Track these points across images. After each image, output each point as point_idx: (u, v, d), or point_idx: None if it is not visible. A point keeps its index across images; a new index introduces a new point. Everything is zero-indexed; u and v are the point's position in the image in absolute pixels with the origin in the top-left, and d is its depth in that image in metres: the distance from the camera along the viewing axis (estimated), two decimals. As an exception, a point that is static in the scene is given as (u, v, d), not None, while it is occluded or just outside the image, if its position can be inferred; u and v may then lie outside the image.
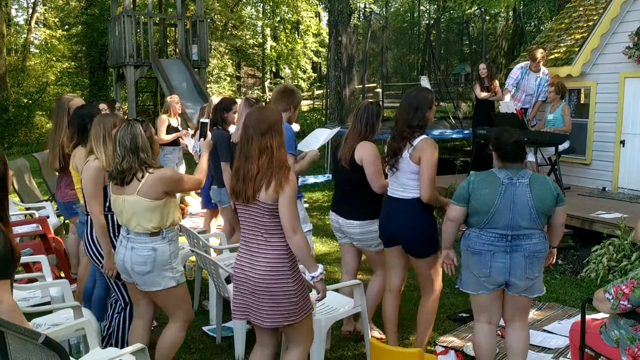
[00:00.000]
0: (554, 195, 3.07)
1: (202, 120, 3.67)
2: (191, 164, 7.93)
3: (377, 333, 4.04)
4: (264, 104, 4.59)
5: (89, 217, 3.45)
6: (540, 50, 7.34)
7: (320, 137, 4.19)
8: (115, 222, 3.36)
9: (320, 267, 2.78)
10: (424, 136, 3.41)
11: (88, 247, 3.50)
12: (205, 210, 6.08)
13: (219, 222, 5.95)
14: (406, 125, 3.41)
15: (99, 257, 3.44)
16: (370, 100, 4.34)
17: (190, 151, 6.76)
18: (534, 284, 3.13)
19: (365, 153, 3.60)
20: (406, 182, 3.45)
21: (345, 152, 3.71)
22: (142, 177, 2.97)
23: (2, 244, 2.23)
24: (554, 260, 3.34)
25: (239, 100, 4.87)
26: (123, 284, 3.39)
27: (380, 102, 14.16)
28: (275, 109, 2.98)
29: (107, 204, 3.39)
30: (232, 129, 4.74)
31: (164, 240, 3.06)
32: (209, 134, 3.49)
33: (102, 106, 6.22)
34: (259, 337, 2.93)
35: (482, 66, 8.21)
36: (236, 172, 2.74)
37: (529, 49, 7.90)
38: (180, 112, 7.48)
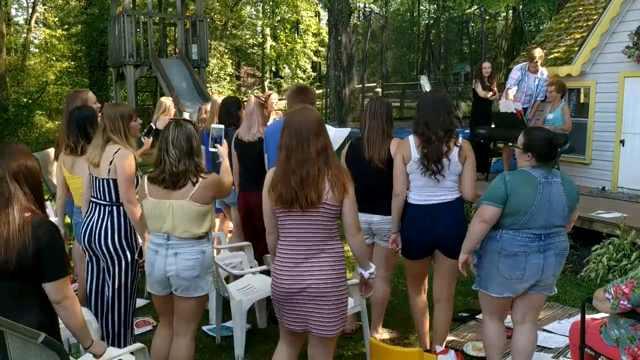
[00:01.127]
0: (577, 192, 3.12)
1: (213, 126, 3.45)
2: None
3: (387, 334, 4.05)
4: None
5: (109, 208, 3.40)
6: (538, 49, 7.36)
7: (334, 137, 4.15)
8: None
9: (374, 266, 2.84)
10: (461, 137, 3.45)
11: (113, 241, 3.40)
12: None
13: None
14: (444, 130, 3.35)
15: (122, 251, 3.41)
16: (376, 95, 4.33)
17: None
18: (555, 281, 3.17)
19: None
20: (451, 185, 3.42)
21: (376, 151, 3.61)
22: (197, 181, 2.86)
23: (61, 240, 2.30)
24: None
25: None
26: (121, 278, 3.39)
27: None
28: (313, 108, 2.90)
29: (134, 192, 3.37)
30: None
31: (209, 242, 3.01)
32: (224, 143, 3.36)
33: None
34: (287, 337, 2.85)
35: (487, 65, 8.21)
36: (286, 177, 2.59)
37: (528, 49, 7.92)
38: (174, 112, 7.42)
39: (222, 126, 3.44)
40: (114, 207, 3.42)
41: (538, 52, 7.26)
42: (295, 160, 2.59)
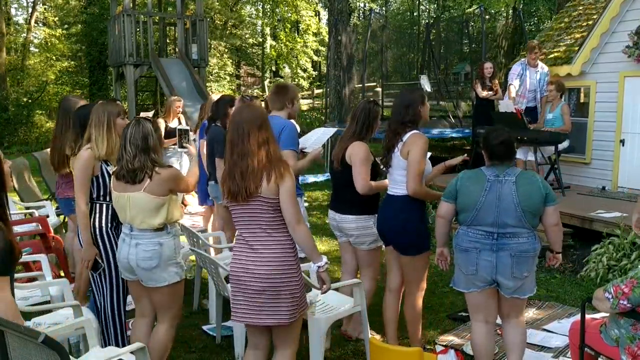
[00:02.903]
0: (542, 194, 3.04)
1: (179, 127, 3.63)
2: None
3: (374, 335, 4.04)
4: (262, 102, 4.61)
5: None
6: (535, 40, 7.54)
7: (320, 136, 4.20)
8: (110, 212, 3.37)
9: (324, 258, 2.79)
10: (414, 131, 3.44)
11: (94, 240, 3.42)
12: (204, 209, 6.07)
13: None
14: (399, 123, 3.47)
15: (103, 249, 3.41)
16: (368, 99, 4.34)
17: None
18: (524, 284, 3.10)
19: (354, 152, 3.62)
20: (398, 179, 3.49)
21: (337, 152, 3.75)
22: (152, 176, 3.02)
23: (2, 241, 2.23)
24: (558, 263, 3.31)
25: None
26: (99, 277, 3.41)
27: (380, 101, 14.18)
28: (259, 105, 3.04)
29: (101, 192, 3.39)
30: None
31: (169, 235, 3.12)
32: (193, 143, 3.51)
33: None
34: (252, 339, 2.92)
35: (488, 65, 8.24)
36: (230, 171, 2.70)
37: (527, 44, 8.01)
38: (180, 112, 7.42)
39: (187, 127, 3.63)
40: (92, 204, 3.44)
41: (535, 42, 7.51)
42: (237, 153, 2.69)
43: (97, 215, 3.41)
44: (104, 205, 3.41)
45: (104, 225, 3.41)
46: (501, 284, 3.11)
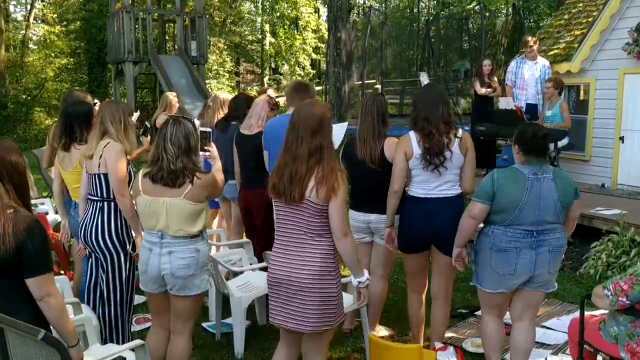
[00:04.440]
0: (573, 189, 3.08)
1: (201, 129, 3.29)
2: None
3: (385, 331, 4.05)
4: (275, 100, 4.57)
5: (100, 204, 3.40)
6: (530, 35, 7.60)
7: (338, 133, 4.12)
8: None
9: (367, 273, 2.73)
10: (461, 129, 3.42)
11: (103, 237, 3.38)
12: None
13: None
14: (442, 122, 3.34)
15: (114, 247, 3.40)
16: (374, 93, 4.29)
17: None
18: (552, 278, 3.16)
19: (392, 149, 3.51)
20: (453, 179, 3.40)
21: (369, 151, 3.58)
22: (192, 180, 2.82)
23: (44, 234, 2.24)
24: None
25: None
26: (115, 274, 3.39)
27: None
28: (325, 104, 2.88)
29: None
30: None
31: (204, 241, 2.98)
32: (213, 146, 3.28)
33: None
34: (286, 337, 2.85)
35: (487, 62, 8.24)
36: (279, 171, 2.64)
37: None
38: (177, 108, 7.38)
39: (209, 129, 3.37)
40: (105, 203, 3.41)
41: (530, 37, 7.52)
42: (289, 154, 2.63)
43: (120, 214, 3.38)
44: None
45: (124, 225, 3.40)
46: (534, 280, 3.09)
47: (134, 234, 3.44)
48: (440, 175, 3.37)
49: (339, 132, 4.15)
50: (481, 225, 3.20)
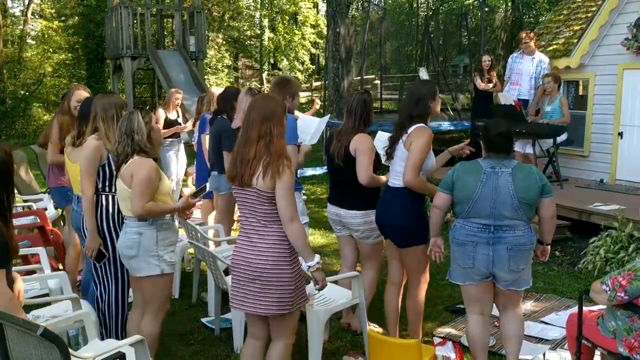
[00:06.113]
0: (538, 186, 3.03)
1: (201, 186, 3.52)
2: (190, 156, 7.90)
3: (372, 327, 4.05)
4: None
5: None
6: (525, 31, 7.65)
7: (318, 126, 4.17)
8: (116, 204, 3.37)
9: (317, 257, 2.77)
10: (420, 124, 3.43)
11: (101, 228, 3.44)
12: (201, 203, 6.06)
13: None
14: (407, 116, 3.46)
15: (109, 240, 3.41)
16: (359, 91, 4.32)
17: (191, 142, 6.72)
18: (520, 276, 3.10)
19: (359, 144, 3.61)
20: (398, 170, 3.48)
21: (338, 147, 3.70)
22: (129, 161, 3.03)
23: None
24: (547, 258, 3.31)
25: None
26: (103, 268, 3.43)
27: (379, 94, 14.15)
28: (280, 100, 2.98)
29: (107, 183, 3.40)
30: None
31: (151, 226, 3.08)
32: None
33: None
34: (251, 329, 2.93)
35: (486, 57, 8.24)
36: (234, 156, 2.76)
37: None
38: (179, 104, 7.42)
39: (207, 186, 3.56)
40: (98, 196, 3.43)
41: (525, 33, 7.58)
42: (242, 139, 2.74)
43: (103, 206, 3.41)
44: (110, 197, 3.41)
45: (110, 216, 3.41)
46: (498, 277, 3.11)
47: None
48: (391, 165, 3.56)
49: (319, 126, 4.18)
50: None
